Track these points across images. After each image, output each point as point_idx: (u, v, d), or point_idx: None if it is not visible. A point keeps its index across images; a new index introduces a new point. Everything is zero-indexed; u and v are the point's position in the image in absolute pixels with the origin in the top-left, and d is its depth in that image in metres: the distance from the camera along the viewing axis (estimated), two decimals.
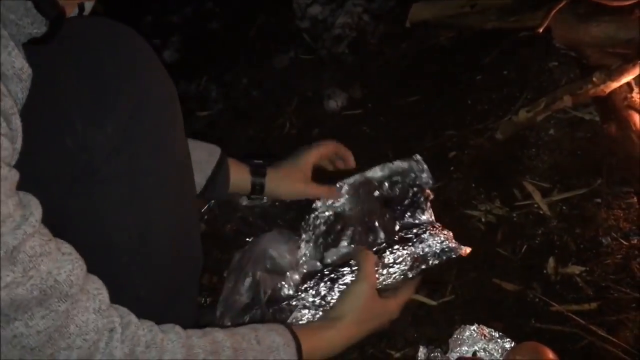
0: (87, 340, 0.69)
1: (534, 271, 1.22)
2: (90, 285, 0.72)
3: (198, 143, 1.13)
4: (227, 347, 0.80)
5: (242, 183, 1.19)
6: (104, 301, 0.72)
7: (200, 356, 0.77)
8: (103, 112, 0.78)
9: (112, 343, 0.70)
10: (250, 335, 0.84)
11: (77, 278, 0.69)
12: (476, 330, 1.09)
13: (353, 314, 1.00)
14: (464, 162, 1.48)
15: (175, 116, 0.88)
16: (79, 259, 0.71)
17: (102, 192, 0.81)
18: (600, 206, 1.28)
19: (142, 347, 0.72)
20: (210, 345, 0.79)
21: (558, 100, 1.31)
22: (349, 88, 1.79)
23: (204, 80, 1.97)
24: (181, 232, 0.93)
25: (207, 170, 1.12)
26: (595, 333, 1.08)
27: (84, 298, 0.70)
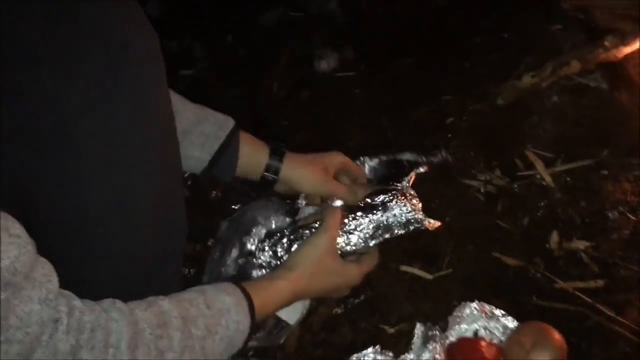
0: (28, 333, 0.62)
1: (536, 245, 1.17)
2: (38, 272, 0.64)
3: (210, 113, 1.04)
4: (174, 316, 0.75)
5: (254, 163, 1.06)
6: (52, 289, 0.64)
7: (147, 331, 0.71)
8: (75, 62, 0.69)
9: (56, 335, 0.64)
10: (198, 300, 0.79)
11: (23, 265, 0.61)
12: (477, 307, 1.04)
13: (306, 264, 0.93)
14: (462, 129, 1.43)
15: (158, 71, 0.79)
16: (29, 243, 0.63)
17: (73, 154, 0.72)
18: (607, 178, 1.24)
19: (86, 333, 0.66)
20: (156, 317, 0.73)
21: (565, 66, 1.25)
22: (341, 48, 1.73)
23: (188, 37, 1.89)
24: (164, 201, 0.85)
25: (213, 145, 1.01)
26: (601, 312, 1.04)
27: (28, 286, 0.62)
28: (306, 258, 0.93)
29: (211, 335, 0.77)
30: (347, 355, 1.04)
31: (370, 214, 1.00)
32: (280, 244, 1.00)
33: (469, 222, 1.23)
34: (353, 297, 1.13)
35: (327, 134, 1.51)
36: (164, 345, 0.71)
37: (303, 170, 1.07)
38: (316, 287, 0.94)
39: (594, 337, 1.01)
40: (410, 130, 1.46)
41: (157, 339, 0.71)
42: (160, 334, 0.72)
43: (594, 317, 1.04)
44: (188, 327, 0.75)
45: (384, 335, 1.07)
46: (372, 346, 1.03)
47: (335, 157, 1.10)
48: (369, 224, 1.00)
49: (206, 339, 0.76)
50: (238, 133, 1.05)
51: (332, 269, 0.95)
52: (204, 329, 0.76)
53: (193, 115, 1.01)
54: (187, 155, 1.00)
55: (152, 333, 0.71)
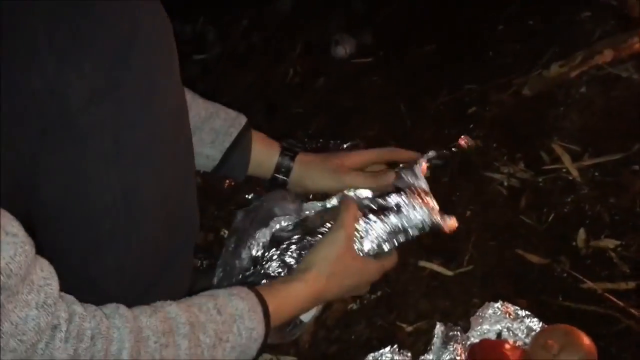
0: (23, 341, 0.58)
1: (562, 243, 1.13)
2: (36, 274, 0.60)
3: (221, 109, 1.00)
4: (181, 323, 0.70)
5: (267, 163, 1.02)
6: (51, 294, 0.60)
7: (152, 339, 0.67)
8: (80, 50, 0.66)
9: (53, 343, 0.60)
10: (208, 305, 0.74)
11: (19, 266, 0.57)
12: (500, 307, 1.00)
13: (323, 263, 0.88)
14: (485, 120, 1.39)
15: (170, 57, 0.76)
16: (26, 243, 0.59)
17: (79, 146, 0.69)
18: (638, 173, 1.19)
19: (86, 342, 0.62)
20: (162, 324, 0.69)
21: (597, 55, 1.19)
22: (358, 34, 1.70)
23: (201, 21, 1.87)
24: (174, 194, 0.81)
25: (224, 142, 0.98)
26: (633, 316, 0.99)
27: (25, 290, 0.58)
28: (324, 258, 0.89)
29: (222, 343, 0.72)
30: (362, 354, 1.02)
31: (383, 217, 0.95)
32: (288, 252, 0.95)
33: (491, 217, 1.19)
34: (369, 293, 1.10)
35: (343, 123, 1.49)
36: (170, 354, 0.67)
37: (315, 171, 1.02)
38: (336, 288, 0.90)
39: (625, 342, 0.97)
40: (430, 119, 1.43)
41: (162, 348, 0.67)
42: (165, 342, 0.67)
43: (625, 320, 0.99)
44: (196, 335, 0.70)
45: (401, 334, 1.05)
46: (389, 345, 1.00)
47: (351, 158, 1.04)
48: (383, 227, 0.95)
49: (216, 347, 0.72)
50: (250, 130, 1.02)
51: (351, 268, 0.91)
52: (214, 337, 0.72)
53: (203, 111, 0.98)
54: (197, 153, 0.96)
55: (157, 341, 0.67)
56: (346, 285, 0.91)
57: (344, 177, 1.01)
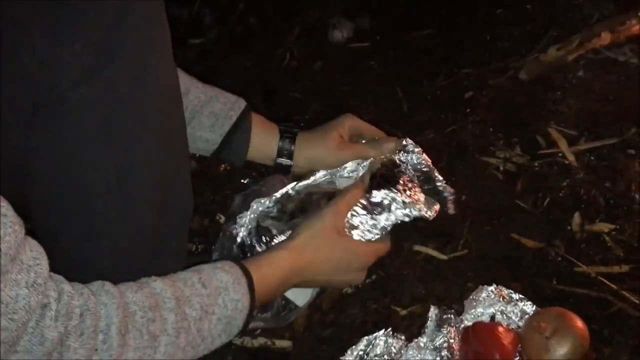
0: (14, 320, 0.58)
1: (557, 227, 1.13)
2: (26, 254, 0.60)
3: (220, 93, 1.00)
4: (167, 297, 0.71)
5: (266, 146, 1.02)
6: (40, 273, 0.61)
7: (138, 314, 0.68)
8: (70, 25, 0.65)
9: (43, 321, 0.60)
10: (193, 279, 0.75)
11: (8, 246, 0.57)
12: (494, 291, 1.00)
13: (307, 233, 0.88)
14: (482, 104, 1.39)
15: (162, 34, 0.75)
16: (15, 223, 0.59)
17: (70, 124, 0.69)
18: (634, 158, 1.20)
19: (75, 319, 0.63)
20: (148, 299, 0.70)
21: (595, 38, 1.18)
22: (356, 17, 1.69)
23: (198, 4, 1.84)
24: (168, 174, 0.81)
25: (224, 126, 0.97)
26: (626, 299, 1.00)
27: (14, 270, 0.58)
28: (308, 228, 0.89)
29: (207, 315, 0.73)
30: (356, 337, 1.01)
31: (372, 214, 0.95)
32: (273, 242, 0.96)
33: (486, 201, 1.19)
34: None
35: (340, 107, 1.47)
36: (157, 328, 0.68)
37: (317, 149, 1.02)
38: (323, 262, 0.89)
39: (618, 325, 0.97)
40: (427, 104, 1.43)
41: (150, 322, 0.67)
42: (152, 316, 0.68)
43: (618, 303, 1.00)
44: (182, 309, 0.71)
45: (395, 318, 1.04)
46: (383, 328, 0.99)
47: (346, 121, 1.04)
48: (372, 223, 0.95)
49: (202, 319, 0.73)
50: (250, 114, 1.01)
51: (339, 244, 0.91)
52: (200, 310, 0.73)
53: (202, 95, 0.98)
54: (196, 137, 0.97)
55: (144, 316, 0.67)
56: (335, 262, 0.90)
57: (347, 152, 1.01)
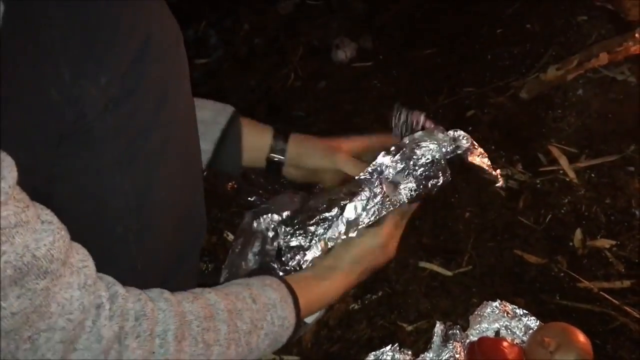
0: (71, 320, 0.60)
1: (559, 243, 1.15)
2: (74, 257, 0.63)
3: (207, 102, 0.98)
4: (221, 309, 0.73)
5: (259, 146, 1.00)
6: (90, 275, 0.63)
7: (194, 323, 0.70)
8: (96, 60, 0.67)
9: (99, 321, 0.62)
10: (244, 294, 0.78)
11: (59, 251, 0.60)
12: (498, 306, 1.02)
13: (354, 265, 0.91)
14: (483, 122, 1.40)
15: (181, 65, 0.77)
16: (62, 228, 0.61)
17: (94, 153, 0.71)
18: (633, 175, 1.21)
19: (131, 321, 0.65)
20: (203, 309, 0.72)
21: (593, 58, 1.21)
22: (359, 38, 1.70)
23: (203, 25, 1.87)
24: (184, 198, 0.83)
25: (214, 132, 0.95)
26: (628, 314, 1.01)
27: (66, 273, 0.61)
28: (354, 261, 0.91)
29: (257, 330, 0.76)
30: (363, 353, 1.02)
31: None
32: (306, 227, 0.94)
33: (489, 218, 1.21)
34: (370, 294, 1.12)
35: (344, 125, 1.49)
36: (211, 338, 0.70)
37: (309, 144, 1.00)
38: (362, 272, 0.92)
39: (620, 340, 0.99)
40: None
41: (204, 332, 0.70)
42: (207, 326, 0.70)
43: (620, 318, 1.01)
44: (234, 321, 0.73)
45: (402, 333, 1.06)
46: (390, 344, 1.01)
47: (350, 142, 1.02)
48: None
49: (252, 333, 0.75)
50: (239, 118, 0.99)
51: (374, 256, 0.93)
52: (250, 324, 0.75)
53: None
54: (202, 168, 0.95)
55: (200, 325, 0.70)
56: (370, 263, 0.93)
57: (336, 157, 0.99)
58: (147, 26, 0.70)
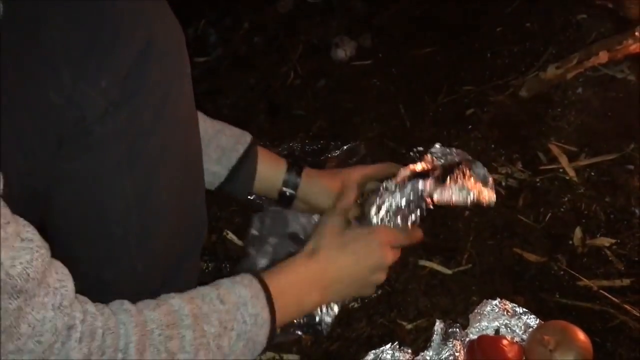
0: (41, 342, 0.59)
1: (559, 241, 1.14)
2: (52, 277, 0.62)
3: (226, 126, 1.00)
4: (185, 315, 0.71)
5: (272, 178, 1.01)
6: (66, 295, 0.62)
7: (156, 332, 0.68)
8: (97, 63, 0.67)
9: (69, 343, 0.61)
10: (211, 295, 0.75)
11: (36, 271, 0.59)
12: (498, 305, 1.02)
13: (316, 237, 0.89)
14: (483, 121, 1.40)
15: (183, 67, 0.77)
16: (41, 247, 0.60)
17: (94, 155, 0.71)
18: (633, 173, 1.21)
19: (98, 340, 0.64)
20: (166, 316, 0.70)
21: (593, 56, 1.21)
22: (358, 36, 1.70)
23: (202, 23, 1.87)
24: (185, 199, 0.83)
25: (231, 159, 0.97)
26: (628, 312, 1.01)
27: (41, 293, 0.60)
28: (315, 234, 0.89)
29: (226, 332, 0.73)
30: (363, 351, 1.02)
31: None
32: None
33: (489, 216, 1.20)
34: None
35: (343, 124, 1.49)
36: (175, 345, 0.68)
37: (321, 184, 1.02)
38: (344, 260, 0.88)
39: (620, 338, 0.98)
40: (429, 121, 1.44)
41: (167, 340, 0.68)
42: (170, 334, 0.68)
43: (620, 316, 1.01)
44: (200, 325, 0.71)
45: (401, 331, 1.05)
46: (389, 342, 1.01)
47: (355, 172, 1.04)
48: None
49: (222, 336, 0.73)
50: (256, 147, 1.01)
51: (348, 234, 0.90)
52: (218, 326, 0.73)
53: (210, 129, 0.97)
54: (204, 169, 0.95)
55: (161, 334, 0.68)
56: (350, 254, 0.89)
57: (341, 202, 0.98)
58: (149, 28, 0.70)
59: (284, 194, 1.02)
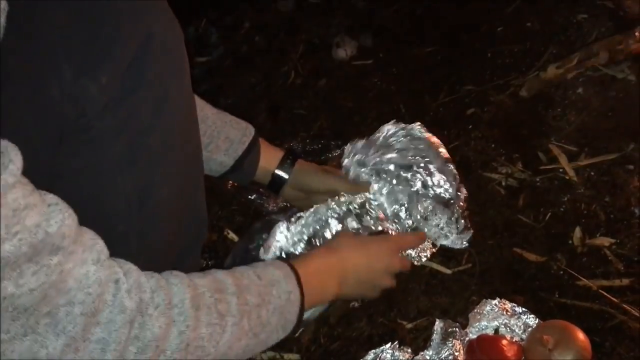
0: (90, 293, 0.62)
1: (559, 241, 1.14)
2: (85, 236, 0.65)
3: (232, 119, 1.06)
4: (229, 284, 0.76)
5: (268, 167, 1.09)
6: (102, 251, 0.65)
7: (207, 295, 0.73)
8: (97, 58, 0.68)
9: (120, 294, 0.64)
10: (249, 272, 0.81)
11: (70, 229, 0.62)
12: (497, 304, 1.02)
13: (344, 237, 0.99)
14: (484, 120, 1.40)
15: (182, 64, 0.78)
16: (68, 208, 0.63)
17: (95, 152, 0.72)
18: (633, 173, 1.20)
19: (148, 293, 0.67)
20: (213, 283, 0.75)
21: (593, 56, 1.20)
22: (359, 35, 1.71)
23: (203, 23, 1.88)
24: (185, 196, 0.84)
25: (237, 150, 1.04)
26: (627, 312, 1.01)
27: (79, 250, 0.63)
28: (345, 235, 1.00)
29: (265, 304, 0.78)
30: (363, 350, 1.03)
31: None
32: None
33: (489, 216, 1.20)
34: None
35: (344, 123, 1.50)
36: (224, 308, 0.73)
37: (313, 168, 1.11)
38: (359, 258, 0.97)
39: (619, 337, 0.98)
40: (429, 120, 1.43)
41: (217, 302, 0.72)
42: (219, 297, 0.73)
43: (619, 316, 1.01)
44: (244, 295, 0.76)
45: (401, 331, 1.06)
46: (389, 342, 1.01)
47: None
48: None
49: (261, 306, 0.77)
50: (258, 139, 1.08)
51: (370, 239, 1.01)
52: (258, 297, 0.77)
53: (218, 120, 1.03)
54: (212, 159, 1.02)
55: (212, 296, 0.72)
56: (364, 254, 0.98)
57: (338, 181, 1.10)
58: (148, 25, 0.70)
59: (276, 176, 1.09)
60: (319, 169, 1.12)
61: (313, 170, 1.11)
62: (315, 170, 1.11)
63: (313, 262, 0.92)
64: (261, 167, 1.08)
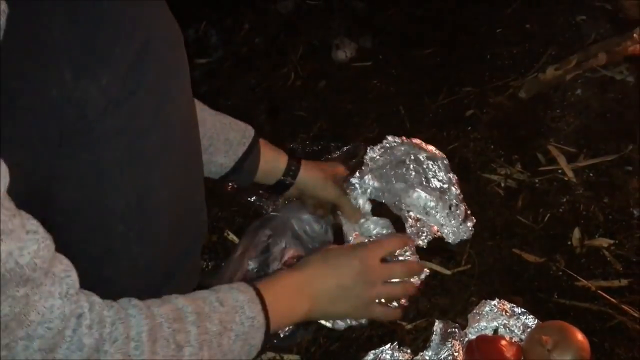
0: (50, 328, 0.61)
1: (558, 242, 1.15)
2: (57, 267, 0.63)
3: (229, 119, 1.06)
4: (189, 312, 0.74)
5: (273, 169, 1.11)
6: (72, 285, 0.64)
7: (165, 325, 0.71)
8: (97, 60, 0.68)
9: (80, 329, 0.63)
10: (211, 298, 0.79)
11: (43, 260, 0.60)
12: (496, 305, 1.02)
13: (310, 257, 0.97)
14: (483, 122, 1.40)
15: (181, 66, 0.77)
16: (46, 238, 0.62)
17: (95, 153, 0.71)
18: (631, 174, 1.21)
19: (108, 327, 0.66)
20: (172, 312, 0.73)
21: (592, 58, 1.21)
22: (359, 37, 1.70)
23: (203, 24, 1.86)
24: (185, 198, 0.84)
25: (238, 152, 1.05)
26: (626, 312, 1.01)
27: (48, 282, 0.61)
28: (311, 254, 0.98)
29: (226, 331, 0.76)
30: (363, 351, 1.03)
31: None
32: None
33: (488, 217, 1.21)
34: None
35: (344, 125, 1.49)
36: (182, 339, 0.71)
37: (318, 175, 1.13)
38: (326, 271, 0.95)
39: (618, 338, 0.99)
40: (429, 121, 1.44)
41: (176, 333, 0.70)
42: (177, 327, 0.71)
43: (618, 317, 1.01)
44: (204, 323, 0.74)
45: (401, 332, 1.06)
46: (389, 343, 1.01)
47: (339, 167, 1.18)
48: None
49: (222, 335, 0.75)
50: (259, 140, 1.08)
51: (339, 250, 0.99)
52: (219, 325, 0.75)
53: (218, 122, 1.03)
54: (212, 161, 1.02)
55: (170, 327, 0.70)
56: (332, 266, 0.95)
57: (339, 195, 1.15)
58: (148, 27, 0.70)
59: (283, 181, 1.11)
60: (321, 177, 1.14)
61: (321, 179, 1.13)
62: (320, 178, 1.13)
63: (279, 282, 0.90)
64: (264, 170, 1.09)
